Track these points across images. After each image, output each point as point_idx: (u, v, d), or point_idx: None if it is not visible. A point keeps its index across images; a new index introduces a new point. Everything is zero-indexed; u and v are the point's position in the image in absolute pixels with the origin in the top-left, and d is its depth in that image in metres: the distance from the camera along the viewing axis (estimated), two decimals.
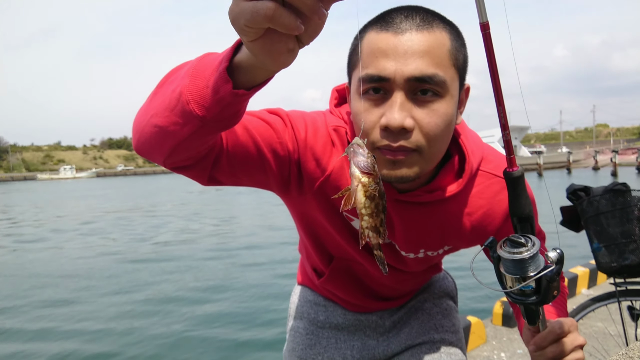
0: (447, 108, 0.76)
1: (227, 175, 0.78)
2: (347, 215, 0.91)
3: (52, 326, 5.74)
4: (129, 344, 5.09)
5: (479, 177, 0.91)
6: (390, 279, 1.06)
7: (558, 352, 0.75)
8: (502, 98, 0.71)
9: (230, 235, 12.34)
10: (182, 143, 0.64)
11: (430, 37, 0.73)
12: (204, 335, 5.22)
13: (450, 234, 0.94)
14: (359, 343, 1.15)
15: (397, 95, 0.73)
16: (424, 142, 0.75)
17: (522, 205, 0.73)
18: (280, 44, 0.49)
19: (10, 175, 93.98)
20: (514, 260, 0.69)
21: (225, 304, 6.27)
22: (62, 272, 8.68)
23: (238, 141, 0.75)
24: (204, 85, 0.58)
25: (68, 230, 14.78)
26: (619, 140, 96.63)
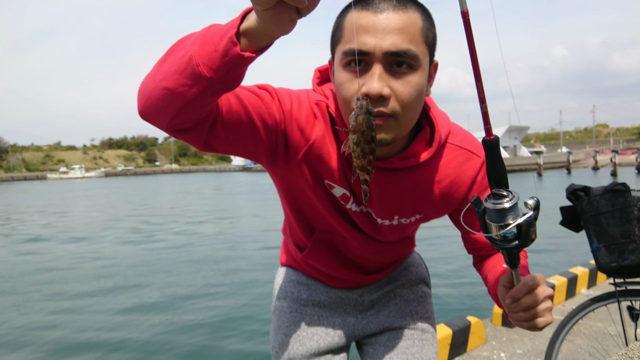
0: (419, 79, 0.86)
1: (221, 141, 0.85)
2: (329, 183, 0.99)
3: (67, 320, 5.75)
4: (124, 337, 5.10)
5: (447, 148, 1.01)
6: (366, 249, 1.13)
7: (531, 301, 0.84)
8: (480, 75, 0.80)
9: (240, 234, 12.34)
10: (188, 103, 0.72)
11: (405, 17, 0.83)
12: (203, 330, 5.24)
13: (422, 200, 1.03)
14: (340, 319, 1.23)
15: (376, 67, 0.83)
16: (399, 108, 0.84)
17: (499, 169, 0.82)
18: (285, 14, 0.61)
19: (11, 175, 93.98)
20: (497, 209, 0.78)
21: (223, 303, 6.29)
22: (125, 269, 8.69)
23: (232, 109, 0.83)
24: (212, 49, 0.67)
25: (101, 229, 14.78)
26: (618, 140, 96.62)
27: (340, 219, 1.05)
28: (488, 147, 0.83)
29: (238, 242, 11.36)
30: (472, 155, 1.02)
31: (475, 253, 1.16)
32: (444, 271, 7.35)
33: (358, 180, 0.96)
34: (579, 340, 3.33)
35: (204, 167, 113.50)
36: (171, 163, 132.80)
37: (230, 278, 7.76)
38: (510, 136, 60.18)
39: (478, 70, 0.80)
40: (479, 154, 1.03)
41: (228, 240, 11.69)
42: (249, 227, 13.96)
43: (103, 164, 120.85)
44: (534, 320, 0.85)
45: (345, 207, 1.03)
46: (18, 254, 10.94)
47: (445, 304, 5.76)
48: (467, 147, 1.03)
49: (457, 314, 4.01)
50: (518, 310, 0.86)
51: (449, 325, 3.26)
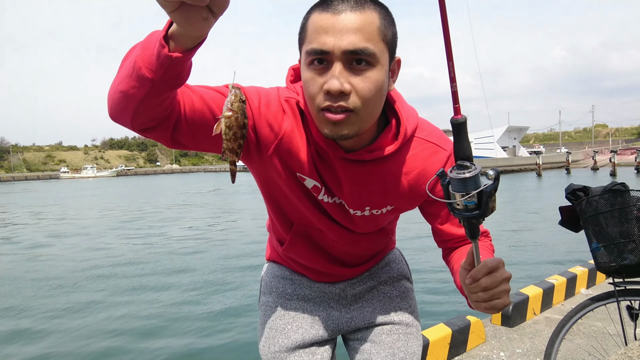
0: (378, 75, 0.89)
1: (188, 138, 0.91)
2: (300, 175, 1.04)
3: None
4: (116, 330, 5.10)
5: (414, 142, 1.05)
6: (343, 240, 1.16)
7: (490, 282, 0.87)
8: (451, 55, 0.83)
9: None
10: (140, 103, 0.78)
11: (362, 17, 0.87)
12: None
13: (391, 192, 1.07)
14: (324, 313, 1.27)
15: (337, 65, 0.87)
16: (360, 103, 0.88)
17: (464, 147, 0.86)
18: (194, 13, 0.65)
19: (12, 175, 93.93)
20: (459, 179, 0.82)
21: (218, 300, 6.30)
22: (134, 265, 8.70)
23: (194, 107, 0.88)
24: (150, 53, 0.73)
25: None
26: (617, 140, 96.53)
27: (314, 210, 1.09)
28: (456, 126, 0.86)
29: (233, 239, 11.36)
30: (438, 149, 1.06)
31: (444, 245, 1.20)
32: (443, 271, 7.35)
33: (327, 172, 1.03)
34: (579, 339, 3.34)
35: (204, 167, 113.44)
36: (172, 163, 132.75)
37: (221, 276, 7.77)
38: (509, 136, 60.18)
39: (450, 51, 0.83)
40: (445, 148, 1.07)
41: (219, 237, 11.69)
42: (246, 225, 13.96)
43: (104, 164, 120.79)
44: (491, 302, 0.88)
45: (318, 199, 1.07)
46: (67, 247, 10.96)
47: (445, 304, 5.77)
48: (434, 141, 1.07)
49: (457, 313, 4.02)
50: (477, 291, 0.89)
51: (448, 324, 3.27)
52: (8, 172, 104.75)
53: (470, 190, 0.81)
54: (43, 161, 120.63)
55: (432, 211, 1.14)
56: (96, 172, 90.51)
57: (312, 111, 0.92)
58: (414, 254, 8.49)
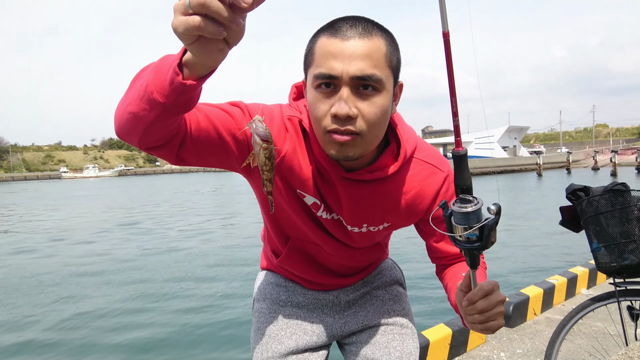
0: (384, 100, 0.92)
1: (193, 156, 0.93)
2: (300, 192, 1.06)
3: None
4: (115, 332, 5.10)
5: (413, 162, 1.08)
6: (339, 254, 1.19)
7: (485, 305, 0.90)
8: (454, 91, 0.88)
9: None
10: (150, 125, 0.80)
11: (370, 43, 0.90)
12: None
13: (389, 210, 1.09)
14: (318, 319, 1.28)
15: (344, 90, 0.89)
16: (365, 127, 0.91)
17: (465, 178, 0.89)
18: (211, 45, 0.66)
19: (11, 175, 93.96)
20: (462, 213, 0.85)
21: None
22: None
23: (200, 126, 0.91)
24: (162, 79, 0.74)
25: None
26: (618, 140, 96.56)
27: (313, 226, 1.12)
28: (457, 158, 0.90)
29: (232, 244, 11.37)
30: (436, 170, 1.09)
31: (438, 262, 1.22)
32: None
33: (328, 190, 1.05)
34: (579, 340, 3.33)
35: (204, 167, 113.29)
36: None
37: (216, 281, 7.77)
38: (509, 136, 60.19)
39: (453, 87, 0.88)
40: (442, 169, 1.10)
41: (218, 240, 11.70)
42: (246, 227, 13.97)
43: (103, 164, 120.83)
44: (487, 323, 0.91)
45: (316, 215, 1.09)
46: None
47: (445, 304, 5.75)
48: (432, 162, 1.10)
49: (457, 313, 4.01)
50: (473, 313, 0.91)
51: (448, 325, 3.26)
52: (7, 172, 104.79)
53: (472, 223, 0.84)
54: (42, 161, 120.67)
55: (427, 230, 1.16)
56: (98, 172, 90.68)
57: (318, 133, 0.94)
58: (414, 255, 8.49)
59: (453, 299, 1.07)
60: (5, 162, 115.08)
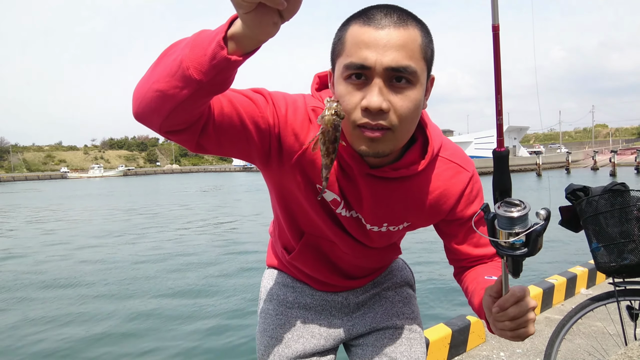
0: (417, 94, 0.88)
1: (213, 143, 0.88)
2: (319, 186, 1.00)
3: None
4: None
5: (438, 161, 1.04)
6: (355, 253, 1.15)
7: (517, 312, 0.86)
8: (500, 87, 0.83)
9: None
10: (179, 105, 0.74)
11: (406, 33, 0.85)
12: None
13: (411, 209, 1.06)
14: (326, 322, 1.24)
15: (377, 81, 0.85)
16: (397, 122, 0.87)
17: (505, 180, 0.85)
18: (267, 17, 0.63)
19: (12, 175, 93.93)
20: (508, 217, 0.80)
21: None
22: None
23: (223, 112, 0.85)
24: (201, 53, 0.69)
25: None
26: (618, 140, 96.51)
27: (330, 222, 1.07)
28: (498, 159, 0.85)
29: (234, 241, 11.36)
30: (461, 170, 1.06)
31: (457, 264, 1.18)
32: (443, 271, 7.35)
33: (349, 186, 1.01)
34: (578, 339, 3.34)
35: (204, 167, 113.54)
36: (172, 163, 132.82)
37: (221, 280, 7.77)
38: (509, 136, 60.16)
39: (500, 84, 0.83)
40: (467, 169, 1.07)
41: (223, 239, 11.70)
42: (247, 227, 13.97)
43: (104, 164, 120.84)
44: (518, 330, 0.87)
45: (335, 212, 1.05)
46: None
47: (445, 304, 5.76)
48: (457, 162, 1.06)
49: (457, 313, 4.02)
50: (504, 320, 0.87)
51: (448, 324, 3.27)
52: (8, 172, 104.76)
53: (518, 228, 0.80)
54: (43, 161, 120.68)
55: (449, 231, 1.12)
56: (103, 172, 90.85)
57: (347, 127, 0.90)
58: (415, 254, 8.48)
59: (476, 302, 1.03)
60: (6, 162, 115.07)
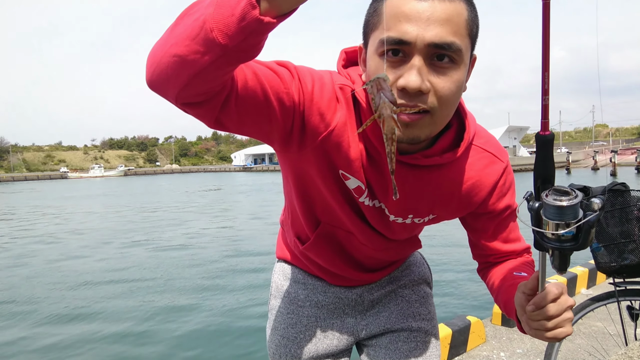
0: (460, 75, 0.81)
1: (233, 120, 0.78)
2: (343, 173, 0.93)
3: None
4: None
5: (472, 150, 0.97)
6: (374, 246, 1.07)
7: (554, 310, 0.80)
8: (548, 64, 0.75)
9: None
10: (199, 73, 0.65)
11: (451, 6, 0.77)
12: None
13: (440, 201, 0.98)
14: (339, 321, 1.19)
15: (416, 59, 0.77)
16: (437, 105, 0.79)
17: (549, 167, 0.78)
18: None
19: (12, 175, 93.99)
20: (557, 206, 0.73)
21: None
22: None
23: (247, 85, 0.76)
24: (229, 14, 0.60)
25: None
26: (618, 140, 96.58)
27: (350, 212, 1.00)
28: (542, 143, 0.78)
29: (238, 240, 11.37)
30: (495, 160, 0.99)
31: (483, 259, 1.11)
32: (443, 271, 7.35)
33: (375, 173, 0.92)
34: (579, 339, 3.34)
35: (204, 167, 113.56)
36: (172, 163, 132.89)
37: (227, 276, 7.78)
38: (509, 136, 60.23)
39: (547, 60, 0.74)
40: (502, 159, 1.00)
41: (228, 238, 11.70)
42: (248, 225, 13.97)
43: (104, 164, 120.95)
44: (555, 330, 0.81)
45: (357, 200, 0.97)
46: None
47: (445, 304, 5.77)
48: (491, 151, 0.99)
49: (457, 313, 4.02)
50: (540, 319, 0.82)
51: (449, 324, 3.27)
52: (8, 172, 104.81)
53: (568, 219, 0.73)
54: (43, 161, 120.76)
55: (477, 225, 1.05)
56: (104, 172, 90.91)
57: None
58: None
59: (503, 299, 0.97)
60: (6, 162, 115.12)
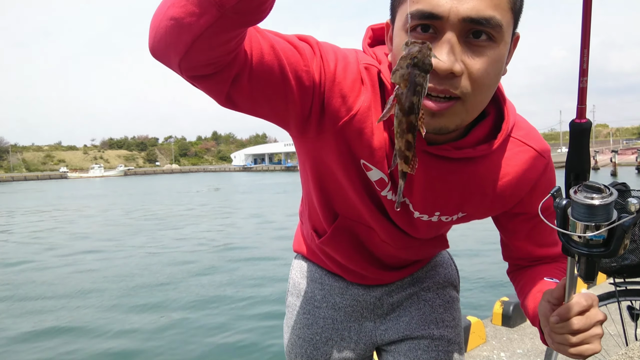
0: (500, 55, 0.71)
1: (245, 98, 0.71)
2: (365, 163, 0.84)
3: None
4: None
5: (510, 142, 0.86)
6: (395, 244, 0.99)
7: (581, 324, 0.72)
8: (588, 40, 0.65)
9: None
10: (198, 39, 0.58)
11: None
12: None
13: (471, 198, 0.88)
14: (356, 324, 1.12)
15: (449, 35, 0.68)
16: (470, 90, 0.70)
17: (583, 160, 0.68)
18: None
19: (11, 175, 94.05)
20: (587, 205, 0.63)
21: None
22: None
23: (263, 59, 0.68)
24: None
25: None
26: (618, 140, 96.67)
27: (371, 206, 0.91)
28: (576, 132, 0.69)
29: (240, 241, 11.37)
30: (536, 155, 0.88)
31: (514, 262, 1.03)
32: None
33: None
34: None
35: (204, 167, 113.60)
36: (171, 163, 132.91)
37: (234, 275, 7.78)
38: None
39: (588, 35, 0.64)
40: (544, 155, 0.89)
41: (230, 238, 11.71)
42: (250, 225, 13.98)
43: (103, 164, 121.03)
44: (580, 347, 0.73)
45: (379, 194, 0.89)
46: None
47: None
48: (532, 145, 0.88)
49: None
50: (564, 332, 0.74)
51: None
52: (7, 172, 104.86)
53: (599, 220, 0.63)
54: (42, 161, 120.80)
55: (511, 226, 0.96)
56: (103, 172, 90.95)
57: None
58: None
59: (530, 306, 0.89)
60: (5, 162, 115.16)
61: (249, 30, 0.65)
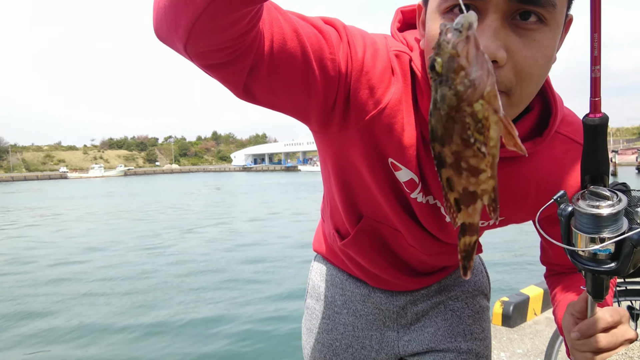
0: (551, 40, 0.61)
1: (264, 89, 0.64)
2: (393, 162, 0.76)
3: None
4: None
5: (556, 139, 0.77)
6: (423, 249, 0.92)
7: (605, 343, 0.64)
8: (599, 24, 0.58)
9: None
10: (198, 21, 0.51)
11: None
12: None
13: (511, 200, 0.79)
14: (378, 333, 1.06)
15: (492, 17, 0.58)
16: (515, 81, 0.61)
17: (601, 161, 0.59)
18: None
19: (11, 175, 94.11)
20: (592, 215, 0.56)
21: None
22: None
23: (285, 46, 0.60)
24: None
25: None
26: (618, 140, 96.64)
27: (398, 208, 0.84)
28: (590, 128, 0.60)
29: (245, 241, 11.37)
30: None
31: (551, 267, 0.97)
32: None
33: (431, 164, 0.74)
34: None
35: (204, 167, 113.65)
36: (171, 163, 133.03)
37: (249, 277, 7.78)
38: None
39: (599, 18, 0.57)
40: None
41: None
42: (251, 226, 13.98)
43: (103, 164, 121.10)
44: None
45: (408, 196, 0.81)
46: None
47: None
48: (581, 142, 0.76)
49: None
50: (586, 350, 0.67)
51: None
52: (7, 172, 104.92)
53: (606, 232, 0.56)
54: (42, 161, 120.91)
55: (553, 231, 0.86)
56: (103, 172, 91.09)
57: None
58: None
59: (560, 315, 0.82)
60: (5, 162, 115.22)
61: (269, 10, 0.58)
